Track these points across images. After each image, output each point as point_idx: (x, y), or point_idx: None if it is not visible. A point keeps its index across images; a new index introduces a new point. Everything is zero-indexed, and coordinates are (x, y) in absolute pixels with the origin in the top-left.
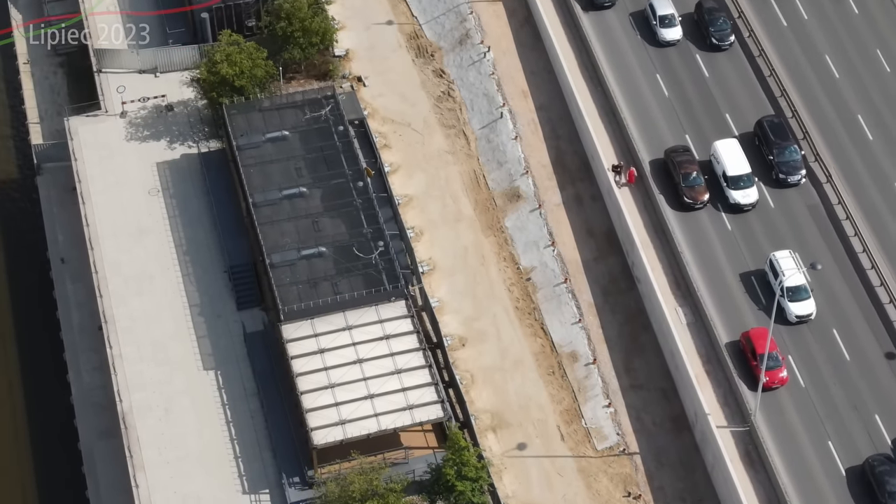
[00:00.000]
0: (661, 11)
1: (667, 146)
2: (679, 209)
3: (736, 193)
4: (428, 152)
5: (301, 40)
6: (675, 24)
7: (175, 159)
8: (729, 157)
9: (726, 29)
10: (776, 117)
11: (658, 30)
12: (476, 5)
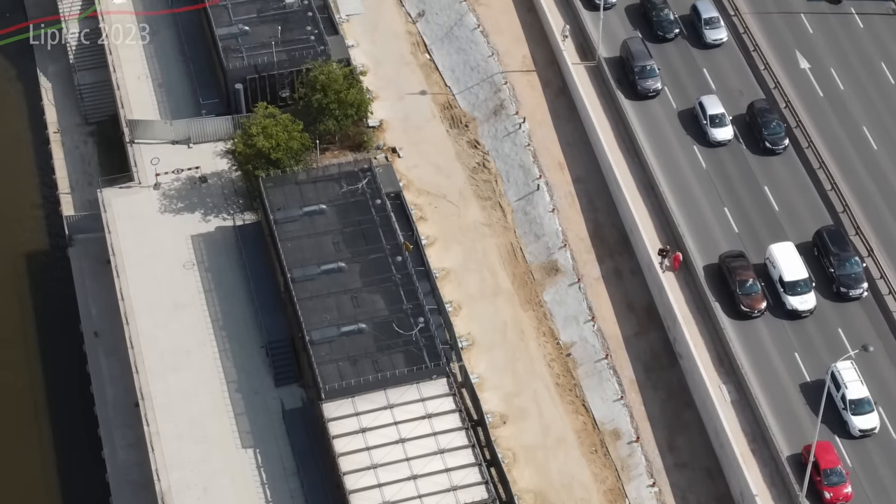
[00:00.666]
0: (712, 111)
1: (719, 247)
2: (735, 317)
3: (793, 299)
4: (464, 224)
5: (336, 112)
6: (726, 124)
7: (210, 232)
8: (785, 261)
9: (780, 133)
10: (836, 227)
11: (708, 129)
12: (510, 76)
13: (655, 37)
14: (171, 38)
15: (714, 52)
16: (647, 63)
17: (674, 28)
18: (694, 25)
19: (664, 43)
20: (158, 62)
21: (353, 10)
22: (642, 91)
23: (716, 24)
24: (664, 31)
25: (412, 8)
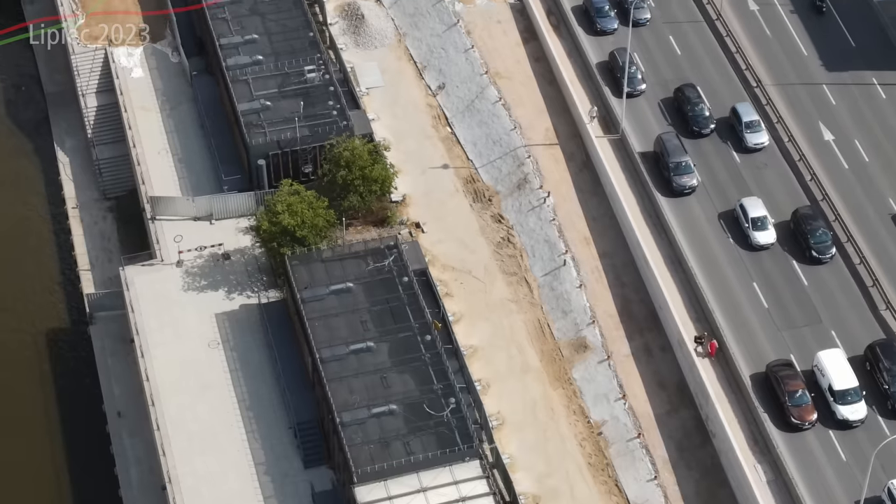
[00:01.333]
0: (754, 213)
1: (763, 353)
2: (785, 429)
3: (844, 409)
4: (490, 301)
5: (361, 188)
6: (768, 227)
7: (234, 310)
8: (834, 369)
9: (827, 241)
10: (890, 341)
11: (750, 232)
12: (533, 149)
13: (691, 132)
14: (190, 112)
15: (755, 156)
16: (683, 159)
17: (709, 123)
18: (733, 127)
19: (700, 139)
20: (178, 137)
21: (373, 83)
22: (678, 188)
23: (757, 127)
24: (700, 127)
25: (432, 81)
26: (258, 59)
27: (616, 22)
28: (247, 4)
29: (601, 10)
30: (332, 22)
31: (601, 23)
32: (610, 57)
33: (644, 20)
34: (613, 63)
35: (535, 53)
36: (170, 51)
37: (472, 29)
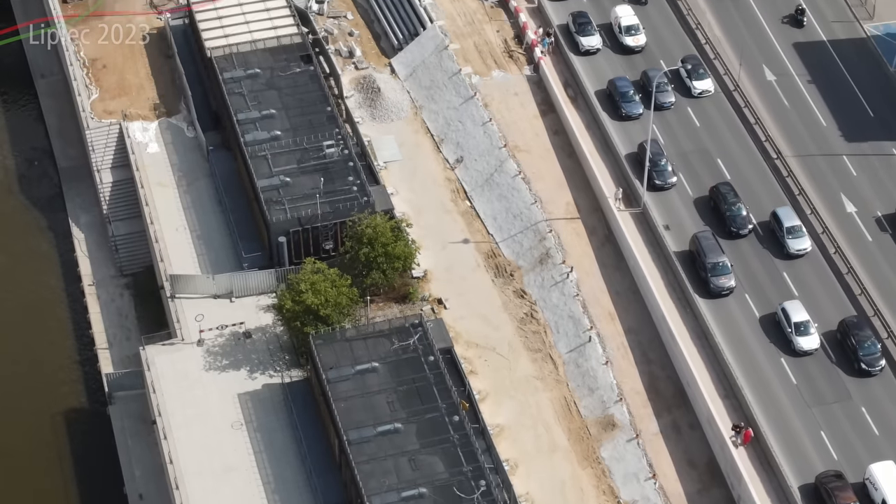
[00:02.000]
0: (796, 318)
1: (811, 463)
2: None
3: None
4: (515, 378)
5: (384, 265)
6: (812, 332)
7: (257, 390)
8: (888, 482)
9: (876, 353)
10: None
11: (793, 337)
12: (554, 223)
13: (728, 233)
14: (207, 188)
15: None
16: (720, 259)
17: (747, 224)
18: (774, 232)
19: (737, 239)
20: (196, 213)
21: (391, 156)
22: (715, 290)
23: (798, 232)
24: (737, 227)
25: (450, 154)
26: (276, 135)
27: (641, 107)
28: (263, 78)
29: (626, 95)
30: (348, 95)
31: (626, 108)
32: (639, 149)
33: (668, 104)
34: (643, 156)
35: (554, 126)
36: (185, 125)
37: (489, 101)
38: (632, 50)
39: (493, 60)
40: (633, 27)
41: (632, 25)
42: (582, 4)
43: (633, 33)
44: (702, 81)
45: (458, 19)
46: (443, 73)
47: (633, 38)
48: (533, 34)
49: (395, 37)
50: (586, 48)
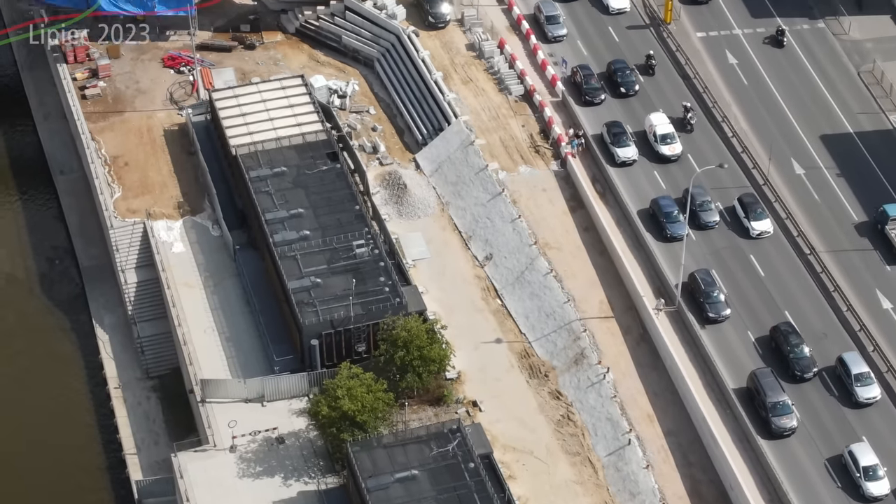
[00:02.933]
0: (865, 462)
1: None
2: None
3: None
4: (554, 483)
5: (420, 369)
6: (881, 477)
7: (292, 497)
8: None
9: None
10: None
11: (862, 482)
12: (588, 322)
13: (793, 376)
14: (234, 288)
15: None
16: (781, 399)
17: (812, 367)
18: (841, 379)
19: (801, 383)
20: (224, 314)
21: (419, 254)
22: (777, 430)
23: (867, 379)
24: (802, 371)
25: (479, 251)
26: (305, 235)
27: (686, 227)
28: (289, 176)
29: (671, 216)
30: (374, 191)
31: (671, 229)
32: (690, 279)
33: (713, 223)
34: (694, 285)
35: (584, 223)
36: (210, 223)
37: (517, 198)
38: (668, 159)
39: (519, 156)
40: (668, 135)
41: (667, 134)
42: (613, 112)
43: (669, 142)
44: (761, 222)
45: (482, 114)
46: (469, 168)
47: (669, 146)
48: (562, 134)
49: (419, 132)
50: (622, 160)
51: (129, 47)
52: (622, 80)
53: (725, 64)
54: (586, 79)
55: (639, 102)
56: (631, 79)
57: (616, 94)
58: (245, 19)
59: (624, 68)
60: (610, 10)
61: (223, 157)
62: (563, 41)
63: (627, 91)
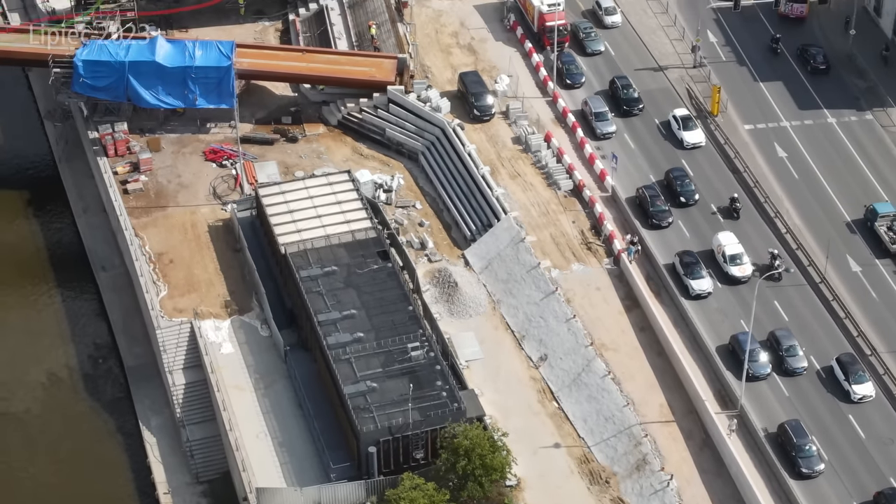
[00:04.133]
0: None
1: None
2: None
3: None
4: None
5: (482, 478)
6: None
7: None
8: None
9: None
10: None
11: None
12: (649, 426)
13: None
14: (286, 391)
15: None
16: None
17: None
18: None
19: None
20: (276, 418)
21: (472, 354)
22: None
23: None
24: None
25: (533, 352)
26: (359, 337)
27: (769, 368)
28: (340, 276)
29: (753, 353)
30: (424, 289)
31: (754, 368)
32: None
33: (801, 370)
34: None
35: (640, 323)
36: (259, 323)
37: (570, 296)
38: (738, 280)
39: (571, 253)
40: (738, 256)
41: (737, 254)
42: (685, 240)
43: (739, 262)
44: (862, 385)
45: (532, 209)
46: (520, 266)
47: (739, 267)
48: (614, 231)
49: (468, 227)
50: (697, 292)
51: (170, 140)
52: (682, 189)
53: (775, 157)
54: (652, 200)
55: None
56: (690, 188)
57: (676, 203)
58: (286, 111)
59: (682, 176)
60: None
61: (270, 255)
62: (612, 138)
63: (687, 200)
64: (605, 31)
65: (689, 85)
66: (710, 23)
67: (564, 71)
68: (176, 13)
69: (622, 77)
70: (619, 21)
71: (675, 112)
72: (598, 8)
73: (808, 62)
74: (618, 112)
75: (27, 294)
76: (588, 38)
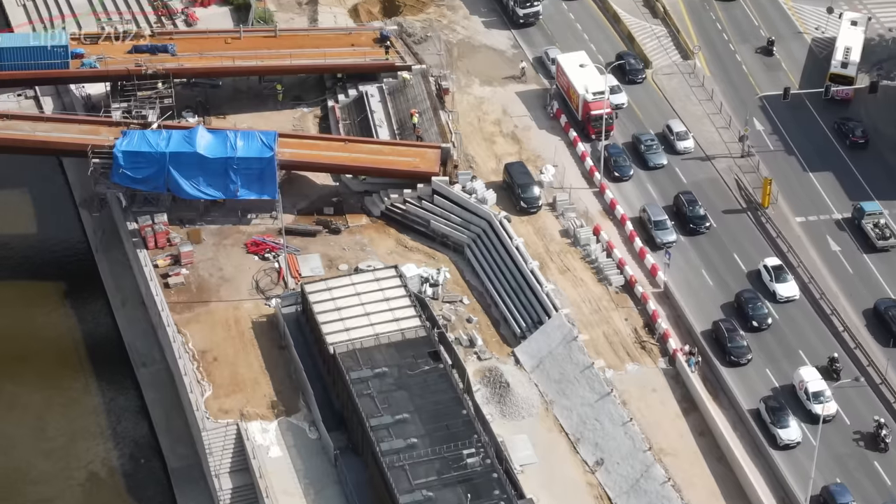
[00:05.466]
0: None
1: None
2: None
3: None
4: None
5: None
6: None
7: None
8: None
9: None
10: None
11: None
12: None
13: None
14: (336, 496)
15: None
16: None
17: None
18: None
19: None
20: None
21: (526, 458)
22: None
23: None
24: None
25: (588, 456)
26: (413, 443)
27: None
28: (391, 377)
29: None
30: (475, 389)
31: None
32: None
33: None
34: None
35: (699, 426)
36: (307, 425)
37: (626, 398)
38: (823, 419)
39: (625, 352)
40: (821, 393)
41: (820, 391)
42: (764, 377)
43: (823, 400)
44: None
45: (583, 306)
46: (573, 366)
47: (821, 405)
48: (680, 353)
49: (517, 324)
50: (786, 442)
51: (211, 231)
52: (753, 313)
53: (828, 251)
54: (730, 335)
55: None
56: (763, 311)
57: (748, 327)
58: (328, 201)
59: (754, 299)
60: None
61: (317, 353)
62: (672, 247)
63: (760, 325)
64: None
65: (738, 175)
66: (756, 110)
67: (612, 163)
68: (213, 99)
69: (687, 192)
70: (692, 146)
71: (766, 262)
72: (669, 132)
73: (846, 136)
74: (682, 228)
75: (66, 389)
76: (650, 150)
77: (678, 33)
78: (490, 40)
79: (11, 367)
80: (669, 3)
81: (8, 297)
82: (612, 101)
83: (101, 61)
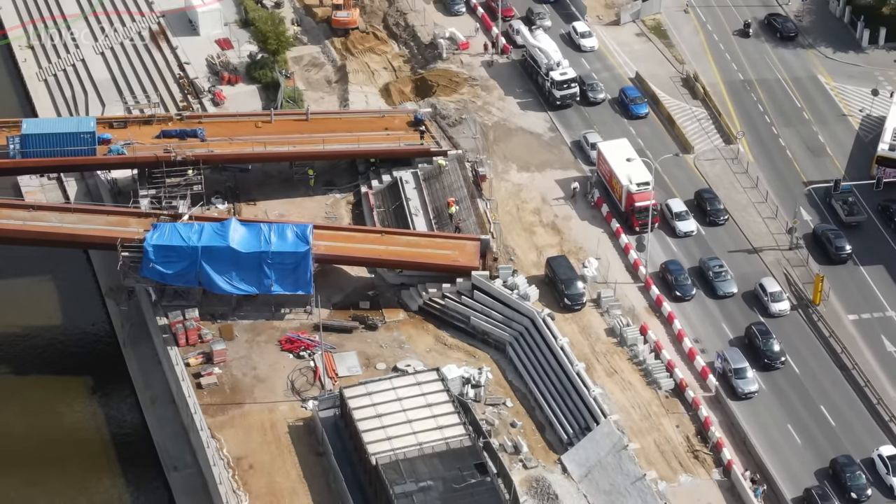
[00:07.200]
0: None
1: None
2: None
3: None
4: None
5: None
6: None
7: None
8: None
9: None
10: None
11: None
12: None
13: None
14: None
15: None
16: None
17: None
18: None
19: None
20: None
21: None
22: None
23: None
24: None
25: None
26: None
27: None
28: (436, 491)
29: (858, 485)
30: (522, 500)
31: None
32: None
33: None
34: None
35: None
36: None
37: None
38: None
39: (678, 462)
40: None
41: None
42: None
43: None
44: None
45: (632, 412)
46: (624, 477)
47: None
48: (742, 477)
49: (564, 430)
50: None
51: (244, 327)
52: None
53: (884, 352)
54: None
55: None
56: (861, 481)
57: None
58: (363, 295)
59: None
60: None
61: (357, 462)
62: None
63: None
64: None
65: (787, 269)
66: (802, 199)
67: (674, 282)
68: (243, 184)
69: (759, 323)
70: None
71: (880, 450)
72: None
73: (891, 219)
74: (757, 366)
75: (94, 492)
76: (718, 277)
77: (719, 116)
78: (526, 123)
79: (36, 467)
80: (709, 83)
81: (34, 393)
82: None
83: (129, 147)
